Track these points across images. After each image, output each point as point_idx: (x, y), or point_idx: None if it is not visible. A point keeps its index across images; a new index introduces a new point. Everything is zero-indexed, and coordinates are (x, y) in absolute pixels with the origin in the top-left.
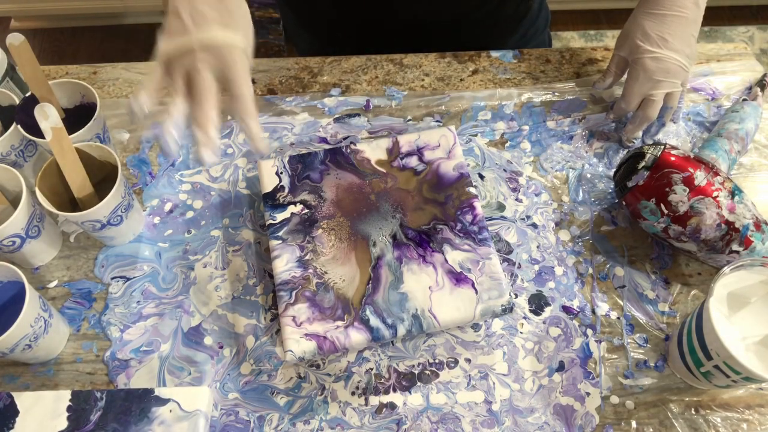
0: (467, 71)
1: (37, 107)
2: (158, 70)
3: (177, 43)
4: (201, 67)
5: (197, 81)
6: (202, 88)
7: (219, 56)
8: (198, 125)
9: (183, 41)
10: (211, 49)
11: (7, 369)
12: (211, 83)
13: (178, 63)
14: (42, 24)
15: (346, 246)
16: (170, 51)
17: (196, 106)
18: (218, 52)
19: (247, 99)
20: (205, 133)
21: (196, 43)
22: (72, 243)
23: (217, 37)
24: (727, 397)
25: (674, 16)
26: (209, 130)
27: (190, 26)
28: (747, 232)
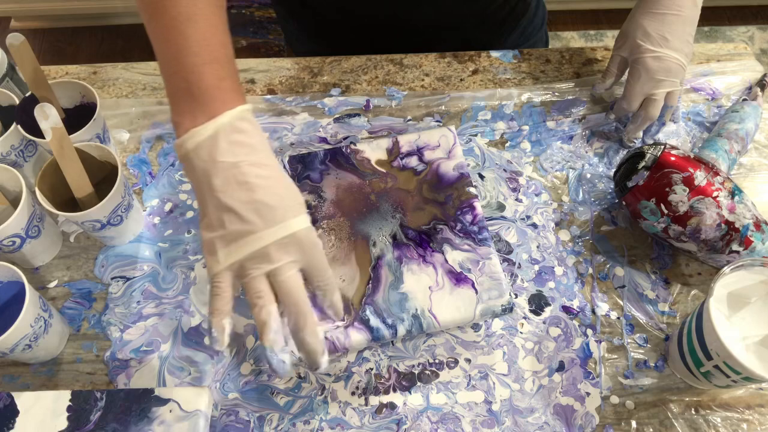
0: (467, 71)
1: (37, 107)
2: (224, 282)
3: (246, 247)
4: (286, 269)
5: (288, 287)
6: (296, 292)
7: (300, 249)
8: (306, 334)
9: (253, 244)
10: (290, 246)
11: (7, 369)
12: (301, 282)
13: (254, 269)
14: (42, 24)
15: (346, 246)
16: (239, 258)
17: (295, 315)
18: (299, 245)
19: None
20: (316, 340)
21: (271, 244)
22: (72, 243)
23: (292, 227)
24: (727, 397)
25: (674, 15)
26: (319, 336)
27: (256, 224)
28: (747, 232)
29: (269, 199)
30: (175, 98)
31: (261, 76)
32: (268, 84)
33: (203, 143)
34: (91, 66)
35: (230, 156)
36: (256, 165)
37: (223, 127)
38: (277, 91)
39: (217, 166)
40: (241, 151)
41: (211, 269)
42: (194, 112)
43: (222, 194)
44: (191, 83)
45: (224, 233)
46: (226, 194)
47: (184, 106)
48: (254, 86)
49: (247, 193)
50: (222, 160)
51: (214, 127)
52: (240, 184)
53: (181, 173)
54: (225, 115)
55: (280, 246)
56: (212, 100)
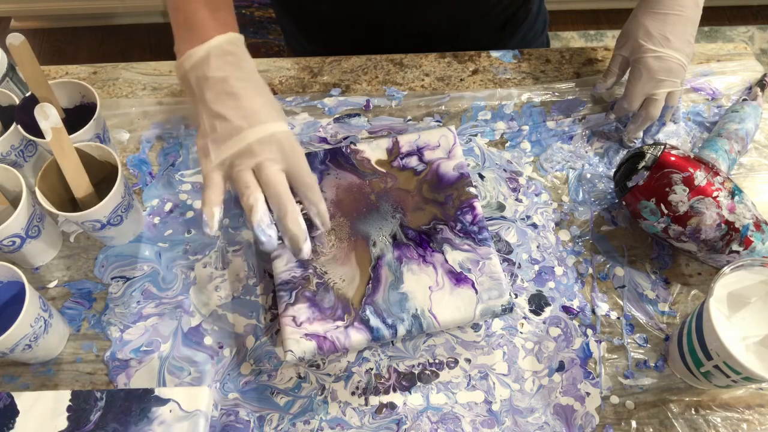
0: (467, 71)
1: (37, 107)
2: (216, 176)
3: (233, 145)
4: (267, 164)
5: (269, 178)
6: (276, 184)
7: (280, 149)
8: (288, 221)
9: (239, 142)
10: (270, 143)
11: (7, 369)
12: (282, 177)
13: (241, 164)
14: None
15: (346, 246)
16: (228, 155)
17: (277, 203)
18: (278, 144)
19: (314, 185)
20: (298, 227)
21: (254, 141)
22: (72, 243)
23: (272, 129)
24: (727, 397)
25: (676, 15)
26: (301, 224)
27: (241, 125)
28: (747, 232)
29: (252, 105)
30: (177, 30)
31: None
32: (268, 84)
33: (197, 62)
34: (91, 66)
35: (219, 72)
36: (242, 79)
37: (214, 49)
38: (277, 91)
39: (209, 81)
40: (229, 68)
41: (205, 168)
42: (191, 39)
43: (213, 103)
44: (189, 15)
45: (215, 136)
46: (216, 103)
47: (183, 34)
48: None
49: (233, 101)
50: (212, 75)
51: (206, 49)
52: (228, 94)
53: (181, 173)
54: (216, 38)
55: (261, 143)
56: (206, 29)
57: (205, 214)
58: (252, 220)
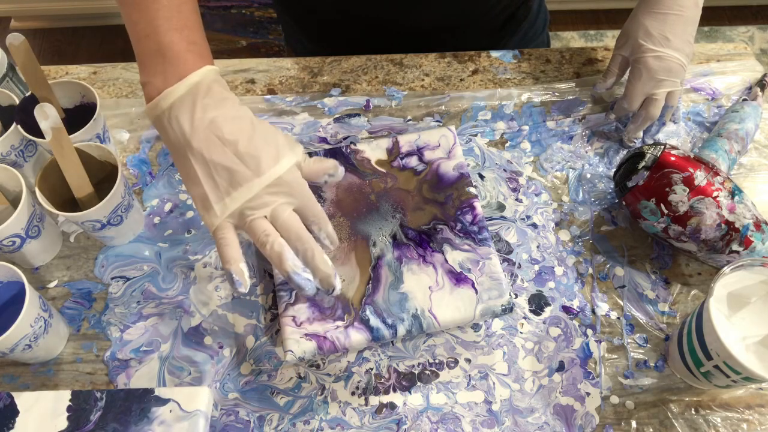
0: (467, 71)
1: (37, 107)
2: (228, 232)
3: (241, 197)
4: (282, 208)
5: (286, 222)
6: (296, 227)
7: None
8: (317, 262)
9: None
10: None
11: (7, 369)
12: (297, 217)
13: (253, 213)
14: (42, 24)
15: (346, 246)
16: (236, 207)
17: (301, 246)
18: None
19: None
20: (327, 266)
21: (264, 189)
22: (72, 243)
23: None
24: (727, 397)
25: (676, 15)
26: (328, 262)
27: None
28: (747, 232)
29: (252, 150)
30: (146, 60)
31: (261, 76)
32: (268, 84)
33: (176, 102)
34: (91, 66)
35: (206, 113)
36: (231, 119)
37: (195, 86)
38: (277, 91)
39: (195, 124)
40: (215, 108)
41: (212, 224)
42: (165, 73)
43: (205, 151)
44: (163, 45)
45: (214, 187)
46: (209, 150)
47: (155, 67)
48: (254, 86)
49: (229, 147)
50: (199, 117)
51: (186, 87)
52: (220, 139)
53: None
54: (195, 74)
55: (271, 188)
56: (183, 62)
57: (234, 274)
58: (286, 269)
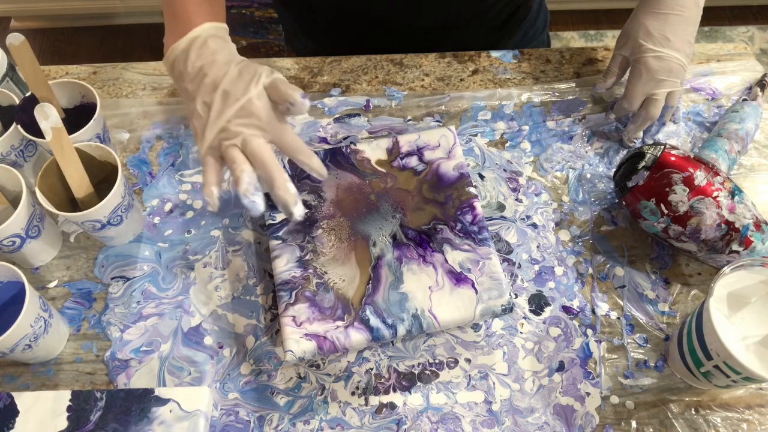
0: (467, 71)
1: (37, 107)
2: (209, 159)
3: (214, 127)
4: (250, 138)
5: (253, 150)
6: (261, 154)
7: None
8: (276, 188)
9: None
10: (249, 117)
11: (7, 369)
12: (267, 147)
13: (225, 142)
14: (42, 24)
15: (346, 246)
16: (213, 136)
17: (264, 173)
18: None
19: (300, 144)
20: (287, 192)
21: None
22: (72, 243)
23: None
24: (727, 397)
25: (676, 15)
26: (290, 189)
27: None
28: (747, 232)
29: (227, 87)
30: (167, 23)
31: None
32: None
33: (179, 55)
34: (91, 66)
35: (198, 61)
36: (216, 64)
37: (193, 40)
38: None
39: (188, 71)
40: (205, 57)
41: (200, 153)
42: (177, 31)
43: (193, 91)
44: (177, 9)
45: (201, 121)
46: (197, 91)
47: (170, 27)
48: None
49: (211, 86)
50: (190, 65)
51: (186, 41)
52: (205, 81)
53: (181, 173)
54: (194, 30)
55: (240, 121)
56: (189, 22)
57: (206, 195)
58: (239, 191)
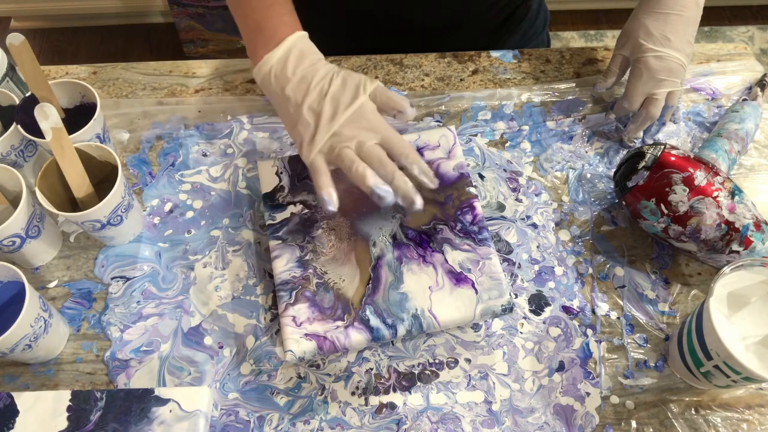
0: (467, 71)
1: (37, 107)
2: (320, 163)
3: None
4: (364, 140)
5: (369, 151)
6: (378, 154)
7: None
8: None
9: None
10: (359, 120)
11: (7, 369)
12: (380, 148)
13: (339, 145)
14: (42, 24)
15: (346, 246)
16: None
17: (383, 169)
18: (366, 120)
19: (409, 147)
20: (407, 184)
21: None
22: (72, 243)
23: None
24: (727, 397)
25: (677, 15)
26: (408, 181)
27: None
28: (747, 232)
29: (333, 93)
30: (249, 36)
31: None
32: None
33: (275, 63)
34: (91, 66)
35: (297, 68)
36: (317, 72)
37: (289, 49)
38: None
39: (289, 78)
40: (304, 65)
41: (307, 157)
42: (266, 43)
43: (298, 97)
44: (260, 22)
45: (308, 127)
46: (301, 97)
47: (256, 40)
48: (254, 86)
49: (316, 93)
50: (290, 74)
51: (282, 51)
52: (309, 88)
53: (181, 173)
54: (288, 39)
55: (352, 125)
56: (278, 33)
57: (326, 196)
58: (369, 184)
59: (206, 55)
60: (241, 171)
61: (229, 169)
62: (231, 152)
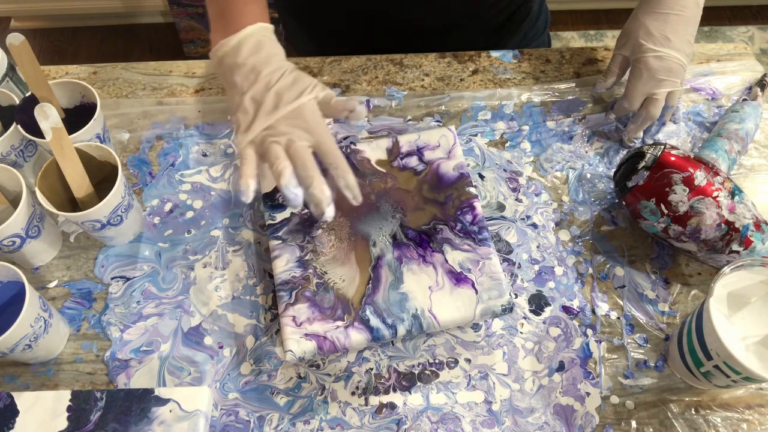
0: (467, 71)
1: (37, 107)
2: (249, 152)
3: (262, 123)
4: (295, 140)
5: (296, 152)
6: (303, 157)
7: (305, 125)
8: (313, 189)
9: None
10: (296, 119)
11: (7, 369)
12: (308, 152)
13: (270, 139)
14: (42, 24)
15: (346, 246)
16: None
17: (303, 174)
18: (303, 120)
19: (340, 157)
20: (322, 193)
21: (281, 118)
22: (72, 243)
23: (294, 106)
24: (727, 397)
25: (677, 15)
26: (325, 191)
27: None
28: (747, 232)
29: (279, 89)
30: (213, 20)
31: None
32: None
33: (229, 51)
34: (91, 66)
35: (249, 59)
36: (269, 65)
37: (245, 38)
38: None
39: (240, 67)
40: (258, 56)
41: (240, 145)
42: (225, 29)
43: (244, 86)
44: (223, 8)
45: (247, 116)
46: (247, 86)
47: (217, 25)
48: None
49: (262, 85)
50: (241, 62)
51: (237, 38)
52: (257, 79)
53: (181, 173)
54: (247, 29)
55: (287, 120)
56: (238, 21)
57: (242, 186)
58: (281, 183)
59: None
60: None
61: (229, 169)
62: (231, 152)
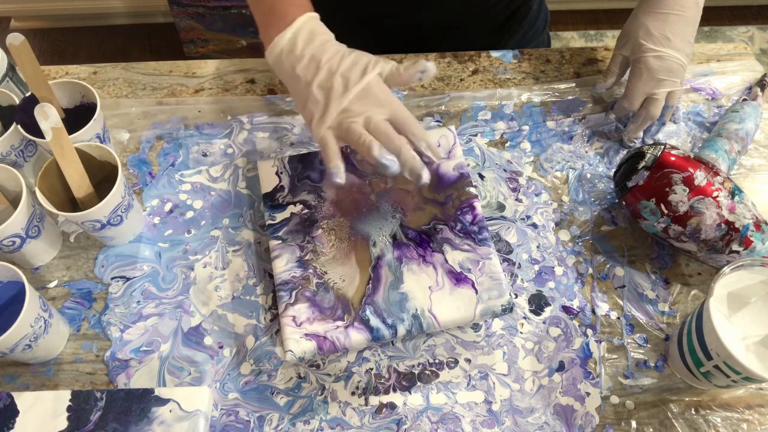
0: (467, 71)
1: (37, 107)
2: (329, 137)
3: (337, 107)
4: (372, 116)
5: (377, 126)
6: (386, 129)
7: (377, 100)
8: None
9: (341, 103)
10: (368, 97)
11: (7, 369)
12: (388, 124)
13: (348, 120)
14: (42, 24)
15: (346, 246)
16: (334, 116)
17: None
18: (374, 97)
19: (416, 122)
20: (414, 159)
21: (353, 98)
22: (72, 243)
23: (362, 84)
24: (727, 397)
25: (677, 15)
26: (415, 156)
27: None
28: (747, 232)
29: (342, 71)
30: (263, 19)
31: (261, 76)
32: (268, 84)
33: (286, 45)
34: (91, 66)
35: (306, 48)
36: (326, 51)
37: (299, 30)
38: (277, 91)
39: (299, 59)
40: (313, 44)
41: (317, 133)
42: (277, 25)
43: (308, 76)
44: (272, 5)
45: (318, 104)
46: (311, 75)
47: (268, 21)
48: (254, 86)
49: (325, 71)
50: (300, 54)
51: (292, 31)
52: (318, 67)
53: (181, 173)
54: (298, 20)
55: (358, 100)
56: (288, 14)
57: (333, 168)
58: (374, 154)
59: (206, 55)
60: (241, 171)
61: (229, 169)
62: (231, 152)
